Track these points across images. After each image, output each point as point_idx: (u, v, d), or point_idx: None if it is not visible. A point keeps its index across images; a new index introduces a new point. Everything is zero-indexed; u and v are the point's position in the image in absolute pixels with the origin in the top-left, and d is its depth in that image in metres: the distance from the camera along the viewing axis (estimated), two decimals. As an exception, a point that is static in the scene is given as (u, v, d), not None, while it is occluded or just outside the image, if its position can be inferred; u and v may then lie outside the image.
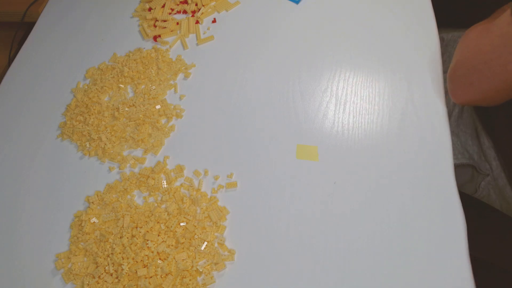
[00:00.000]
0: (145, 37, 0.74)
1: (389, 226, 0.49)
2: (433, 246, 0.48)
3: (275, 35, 0.70)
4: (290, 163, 0.56)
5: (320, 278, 0.48)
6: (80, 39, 0.77)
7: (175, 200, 0.55)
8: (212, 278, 0.49)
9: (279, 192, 0.54)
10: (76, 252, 0.53)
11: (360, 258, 0.48)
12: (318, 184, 0.54)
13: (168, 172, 0.58)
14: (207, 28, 0.73)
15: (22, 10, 0.83)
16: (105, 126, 0.63)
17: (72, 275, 0.51)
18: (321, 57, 0.65)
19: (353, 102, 0.60)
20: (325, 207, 0.52)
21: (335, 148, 0.56)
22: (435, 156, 0.53)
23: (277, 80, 0.64)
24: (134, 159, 0.60)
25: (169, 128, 0.62)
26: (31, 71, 0.74)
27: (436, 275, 0.46)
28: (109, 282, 0.50)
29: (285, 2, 0.73)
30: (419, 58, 0.62)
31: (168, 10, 0.76)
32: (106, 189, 0.58)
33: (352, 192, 0.53)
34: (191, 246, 0.51)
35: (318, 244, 0.50)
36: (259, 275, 0.49)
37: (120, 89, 0.67)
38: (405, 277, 0.46)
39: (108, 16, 0.79)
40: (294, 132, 0.59)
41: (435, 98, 0.58)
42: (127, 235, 0.52)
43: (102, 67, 0.70)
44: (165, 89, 0.66)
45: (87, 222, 0.54)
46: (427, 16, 0.66)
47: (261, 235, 0.51)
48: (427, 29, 0.64)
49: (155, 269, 0.49)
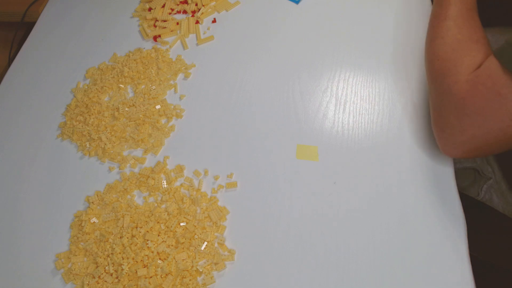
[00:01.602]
0: (145, 37, 0.74)
1: (389, 225, 0.50)
2: (433, 246, 0.48)
3: (275, 35, 0.70)
4: (290, 163, 0.56)
5: (320, 278, 0.48)
6: (80, 39, 0.77)
7: (175, 200, 0.55)
8: (212, 278, 0.49)
9: (279, 192, 0.54)
10: (76, 252, 0.53)
11: (360, 258, 0.48)
12: (318, 184, 0.54)
13: (168, 172, 0.58)
14: (207, 28, 0.73)
15: (22, 10, 0.83)
16: (105, 126, 0.63)
17: (72, 275, 0.51)
18: (321, 57, 0.65)
19: (353, 102, 0.60)
20: (325, 207, 0.52)
21: (335, 148, 0.56)
22: (435, 156, 0.53)
23: (277, 80, 0.64)
24: (134, 159, 0.60)
25: (169, 128, 0.62)
26: (31, 71, 0.74)
27: (436, 274, 0.46)
28: (109, 282, 0.50)
29: (285, 2, 0.73)
30: (419, 58, 0.62)
31: (168, 10, 0.76)
32: (106, 189, 0.58)
33: (352, 192, 0.53)
34: (191, 246, 0.51)
35: (318, 244, 0.50)
36: (259, 275, 0.49)
37: (120, 89, 0.67)
38: (405, 277, 0.46)
39: (108, 16, 0.79)
40: (294, 132, 0.59)
41: (435, 98, 0.58)
42: (127, 235, 0.52)
43: (102, 67, 0.70)
44: (165, 89, 0.66)
45: (87, 222, 0.54)
46: (427, 16, 0.65)
47: (261, 235, 0.51)
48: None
49: (155, 269, 0.49)
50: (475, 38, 0.48)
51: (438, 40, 0.50)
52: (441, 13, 0.51)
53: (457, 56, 0.47)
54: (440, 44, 0.50)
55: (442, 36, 0.50)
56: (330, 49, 0.66)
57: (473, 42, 0.47)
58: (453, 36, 0.49)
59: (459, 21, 0.49)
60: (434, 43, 0.51)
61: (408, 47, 0.63)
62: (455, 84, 0.45)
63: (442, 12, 0.51)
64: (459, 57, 0.47)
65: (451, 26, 0.50)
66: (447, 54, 0.48)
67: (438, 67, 0.49)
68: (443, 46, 0.49)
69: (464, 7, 0.50)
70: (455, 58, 0.47)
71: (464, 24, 0.49)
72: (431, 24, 0.54)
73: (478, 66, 0.45)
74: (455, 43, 0.48)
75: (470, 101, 0.44)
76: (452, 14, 0.50)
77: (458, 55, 0.47)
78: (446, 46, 0.49)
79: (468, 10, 0.51)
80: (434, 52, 0.50)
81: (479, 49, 0.47)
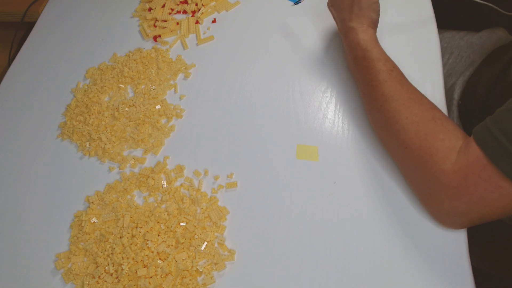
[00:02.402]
0: (145, 37, 0.74)
1: (389, 226, 0.49)
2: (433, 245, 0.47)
3: (275, 35, 0.70)
4: (290, 163, 0.56)
5: (320, 278, 0.48)
6: (80, 39, 0.77)
7: (175, 200, 0.55)
8: (212, 278, 0.49)
9: (279, 192, 0.54)
10: (76, 252, 0.53)
11: (360, 258, 0.48)
12: (318, 184, 0.54)
13: (168, 172, 0.58)
14: (207, 28, 0.73)
15: (22, 10, 0.83)
16: (105, 126, 0.63)
17: (72, 275, 0.51)
18: (321, 57, 0.65)
19: (353, 102, 0.60)
20: (325, 207, 0.52)
21: (335, 148, 0.56)
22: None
23: (277, 80, 0.64)
24: (134, 159, 0.60)
25: (169, 128, 0.62)
26: (31, 71, 0.74)
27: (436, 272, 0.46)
28: (109, 282, 0.50)
29: (285, 2, 0.73)
30: (419, 58, 0.62)
31: (168, 10, 0.76)
32: (106, 189, 0.58)
33: (352, 192, 0.53)
34: (191, 246, 0.51)
35: (318, 243, 0.50)
36: (259, 275, 0.49)
37: (120, 89, 0.67)
38: (405, 277, 0.46)
39: (108, 16, 0.79)
40: (294, 132, 0.59)
41: (435, 98, 0.58)
42: (127, 235, 0.52)
43: (102, 67, 0.70)
44: (165, 89, 0.66)
45: (87, 222, 0.54)
46: (427, 16, 0.66)
47: (261, 235, 0.51)
48: (427, 29, 0.64)
49: (155, 269, 0.49)
50: (430, 116, 0.46)
51: (393, 126, 0.47)
52: (376, 90, 0.50)
53: (427, 144, 0.44)
54: (399, 130, 0.47)
55: (396, 121, 0.47)
56: (330, 49, 0.66)
57: (431, 122, 0.45)
58: (408, 120, 0.46)
59: (401, 98, 0.48)
60: (390, 129, 0.48)
61: (408, 47, 0.63)
62: (442, 175, 0.43)
63: (377, 89, 0.50)
64: (430, 145, 0.44)
65: (398, 108, 0.47)
66: (414, 142, 0.45)
67: (410, 156, 0.46)
68: (403, 133, 0.46)
69: (391, 71, 0.50)
70: (426, 146, 0.44)
71: (409, 100, 0.47)
72: (369, 101, 0.52)
73: (456, 150, 0.43)
74: (415, 127, 0.46)
75: (464, 191, 0.41)
76: (388, 90, 0.48)
77: (428, 143, 0.44)
78: (407, 133, 0.46)
79: (402, 76, 0.50)
80: (398, 141, 0.47)
81: (443, 130, 0.45)
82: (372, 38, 0.53)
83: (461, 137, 0.44)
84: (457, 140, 0.44)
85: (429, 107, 0.47)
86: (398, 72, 0.51)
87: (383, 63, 0.51)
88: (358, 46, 0.53)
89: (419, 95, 0.49)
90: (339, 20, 0.57)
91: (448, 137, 0.44)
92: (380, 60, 0.51)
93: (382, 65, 0.51)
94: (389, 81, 0.49)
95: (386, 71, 0.50)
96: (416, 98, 0.48)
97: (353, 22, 0.54)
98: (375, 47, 0.52)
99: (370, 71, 0.51)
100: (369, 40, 0.53)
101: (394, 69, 0.51)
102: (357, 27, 0.54)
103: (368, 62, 0.51)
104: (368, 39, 0.53)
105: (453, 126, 0.46)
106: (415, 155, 0.45)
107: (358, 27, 0.54)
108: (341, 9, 0.56)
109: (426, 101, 0.48)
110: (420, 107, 0.47)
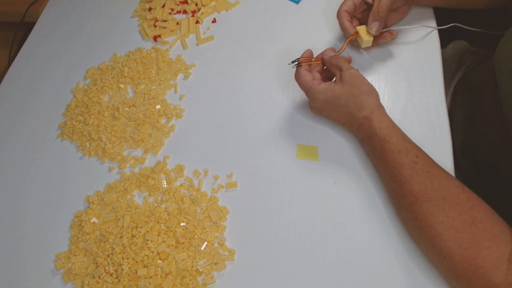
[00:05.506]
0: (145, 37, 0.74)
1: (390, 227, 0.49)
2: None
3: (275, 35, 0.70)
4: (290, 163, 0.56)
5: (320, 278, 0.48)
6: (80, 39, 0.77)
7: (175, 200, 0.55)
8: (212, 278, 0.49)
9: (279, 192, 0.54)
10: (76, 252, 0.53)
11: (360, 258, 0.48)
12: (318, 184, 0.54)
13: (168, 172, 0.58)
14: (207, 28, 0.73)
15: (22, 10, 0.83)
16: (105, 126, 0.63)
17: (72, 275, 0.51)
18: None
19: (353, 102, 0.60)
20: (325, 207, 0.52)
21: (335, 148, 0.56)
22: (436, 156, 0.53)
23: (277, 80, 0.64)
24: (134, 159, 0.60)
25: (169, 128, 0.62)
26: (31, 71, 0.74)
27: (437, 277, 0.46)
28: (109, 282, 0.50)
29: (285, 2, 0.73)
30: (419, 58, 0.62)
31: (168, 10, 0.76)
32: (106, 189, 0.58)
33: (352, 192, 0.53)
34: (191, 246, 0.51)
35: (318, 243, 0.50)
36: (259, 275, 0.49)
37: (120, 89, 0.67)
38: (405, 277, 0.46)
39: (108, 16, 0.79)
40: (294, 132, 0.59)
41: (435, 98, 0.58)
42: (127, 235, 0.52)
43: (102, 67, 0.70)
44: (165, 89, 0.66)
45: (87, 222, 0.54)
46: (427, 16, 0.66)
47: (261, 235, 0.51)
48: (427, 29, 0.64)
49: (155, 269, 0.49)
50: (470, 220, 0.41)
51: (427, 231, 0.42)
52: (403, 187, 0.45)
53: (471, 254, 0.39)
54: (435, 237, 0.42)
55: (431, 225, 0.42)
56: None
57: (472, 226, 0.40)
58: (445, 224, 0.41)
59: (433, 198, 0.42)
60: (424, 234, 0.43)
61: (408, 47, 0.63)
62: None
63: (404, 185, 0.44)
64: (475, 255, 0.39)
65: (431, 210, 0.42)
66: (455, 253, 0.40)
67: (452, 268, 0.41)
68: (440, 240, 0.41)
69: (415, 163, 0.44)
70: (470, 257, 0.39)
71: (443, 200, 0.42)
72: (396, 198, 0.47)
73: (506, 258, 0.38)
74: (453, 234, 0.41)
75: None
76: (417, 188, 0.43)
77: (472, 253, 0.39)
78: (445, 240, 0.41)
79: (429, 166, 0.44)
80: (435, 248, 0.42)
81: (487, 237, 0.40)
82: (389, 124, 0.48)
83: (510, 241, 0.39)
84: (506, 246, 0.39)
85: (467, 207, 0.42)
86: (423, 162, 0.45)
87: (405, 155, 0.46)
88: (376, 137, 0.48)
89: (454, 191, 0.43)
90: (344, 118, 0.52)
91: (495, 244, 0.39)
92: (401, 152, 0.46)
93: (404, 157, 0.45)
94: (416, 177, 0.44)
95: (409, 164, 0.45)
96: (451, 196, 0.43)
97: (364, 111, 0.49)
98: (394, 135, 0.47)
99: (392, 165, 0.46)
100: (385, 128, 0.48)
101: (418, 160, 0.45)
102: (368, 114, 0.49)
103: (388, 154, 0.46)
104: (385, 127, 0.48)
105: (499, 228, 0.40)
106: (458, 267, 0.40)
107: (370, 114, 0.49)
108: (342, 105, 0.51)
109: (463, 199, 0.42)
110: (457, 208, 0.42)
